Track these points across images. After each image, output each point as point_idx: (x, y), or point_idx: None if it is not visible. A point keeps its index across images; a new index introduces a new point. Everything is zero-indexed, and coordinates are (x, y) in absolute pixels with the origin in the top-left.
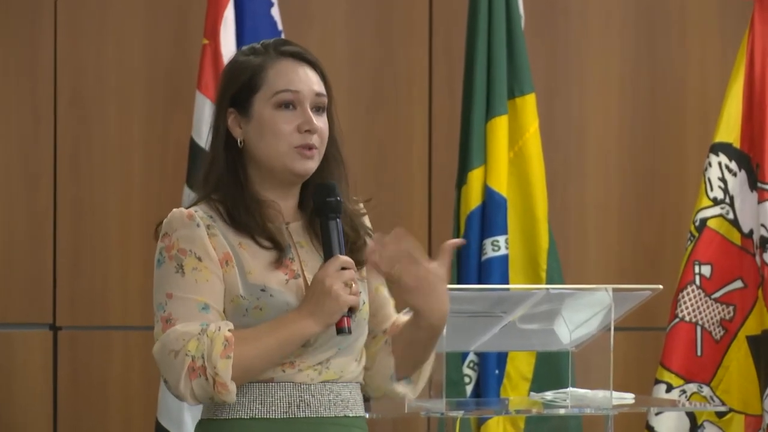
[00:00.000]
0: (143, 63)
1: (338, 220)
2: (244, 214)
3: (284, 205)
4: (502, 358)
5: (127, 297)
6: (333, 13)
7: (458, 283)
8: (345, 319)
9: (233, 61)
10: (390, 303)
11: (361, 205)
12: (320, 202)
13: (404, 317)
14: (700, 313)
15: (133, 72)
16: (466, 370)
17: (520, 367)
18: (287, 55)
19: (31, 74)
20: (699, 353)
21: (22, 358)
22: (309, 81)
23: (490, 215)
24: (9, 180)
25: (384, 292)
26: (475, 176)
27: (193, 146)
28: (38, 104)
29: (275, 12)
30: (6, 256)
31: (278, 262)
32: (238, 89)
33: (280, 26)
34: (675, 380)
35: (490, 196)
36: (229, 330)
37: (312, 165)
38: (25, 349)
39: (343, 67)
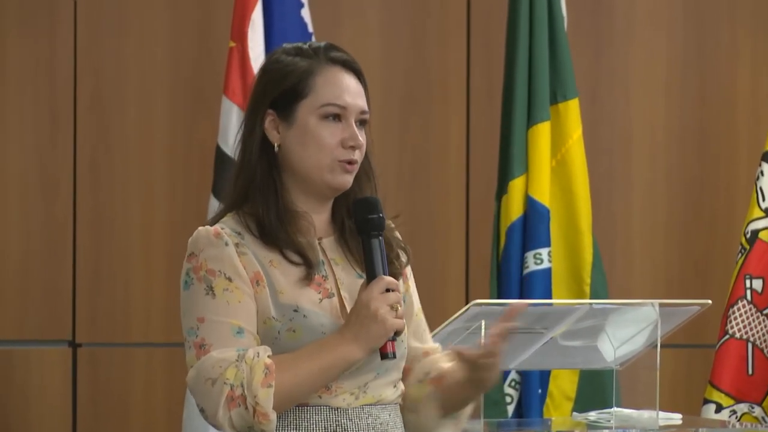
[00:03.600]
0: (166, 66)
1: (381, 238)
2: (275, 224)
3: (317, 218)
4: (544, 377)
5: (149, 312)
6: (366, 14)
7: (498, 298)
8: (389, 343)
9: (275, 60)
10: (428, 333)
11: (391, 222)
12: (362, 219)
13: (446, 365)
14: (751, 329)
15: (156, 75)
16: (508, 390)
17: (563, 386)
18: (337, 62)
19: (49, 76)
20: (750, 372)
21: (40, 376)
22: (357, 95)
23: (532, 227)
24: (26, 188)
25: (422, 318)
26: (516, 186)
27: (219, 154)
28: (57, 108)
29: (305, 13)
30: (23, 268)
31: (308, 279)
32: (282, 92)
33: (310, 28)
34: (725, 400)
35: (532, 207)
36: (268, 356)
37: (350, 179)
38: (43, 367)
39: (376, 71)
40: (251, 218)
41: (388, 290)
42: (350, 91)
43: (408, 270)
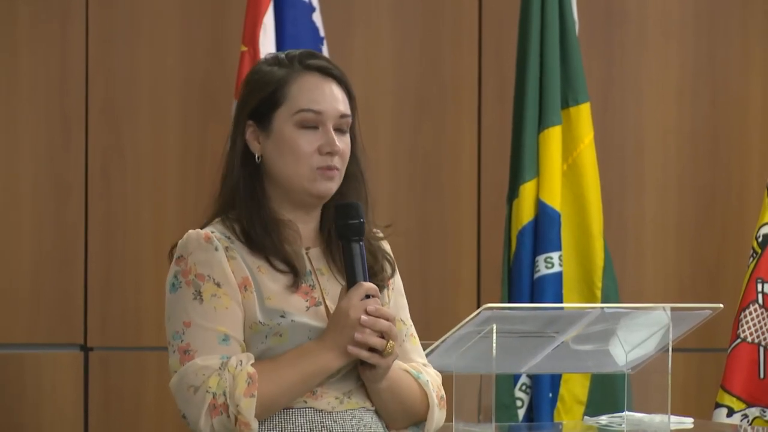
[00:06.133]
0: (178, 70)
1: (361, 243)
2: (260, 233)
3: (304, 228)
4: (555, 381)
5: (161, 316)
6: (378, 19)
7: (509, 302)
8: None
9: (256, 71)
10: (415, 351)
11: (380, 232)
12: (342, 224)
13: None
14: (763, 333)
15: (168, 80)
16: (519, 393)
17: (574, 390)
18: (313, 69)
19: (61, 81)
20: (762, 375)
21: (52, 380)
22: (333, 100)
23: (543, 230)
24: (38, 193)
25: (409, 333)
26: (528, 190)
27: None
28: (69, 113)
29: (317, 17)
30: (35, 272)
31: (295, 286)
32: (259, 102)
33: (322, 32)
34: (736, 404)
35: (543, 211)
36: (251, 364)
37: (332, 186)
38: (55, 371)
39: (388, 74)
40: (238, 224)
41: (368, 296)
42: (326, 96)
43: (395, 282)
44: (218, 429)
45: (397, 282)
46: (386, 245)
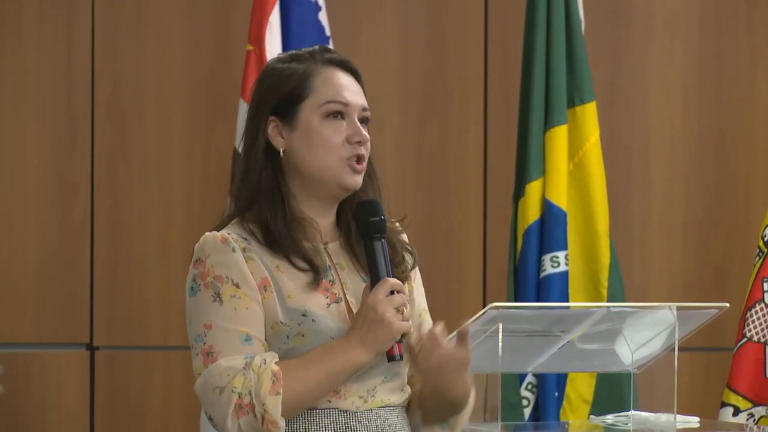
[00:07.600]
0: (184, 70)
1: (383, 241)
2: (282, 231)
3: (322, 223)
4: (561, 380)
5: (167, 315)
6: (383, 18)
7: (515, 301)
8: (396, 345)
9: (271, 69)
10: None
11: (397, 223)
12: (364, 222)
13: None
14: None
15: (174, 79)
16: (525, 393)
17: (580, 389)
18: (334, 63)
19: (67, 81)
20: None
21: (58, 379)
22: (356, 93)
23: (549, 230)
24: (44, 192)
25: (427, 318)
26: (534, 189)
27: (237, 157)
28: (75, 112)
29: (323, 16)
30: (41, 272)
31: (315, 284)
32: (283, 97)
33: (327, 31)
34: (742, 403)
35: (549, 210)
36: (275, 363)
37: (359, 180)
38: (61, 370)
39: (393, 74)
40: (255, 225)
41: (393, 292)
42: (350, 89)
43: (414, 271)
44: (245, 429)
45: (417, 272)
46: (404, 237)
